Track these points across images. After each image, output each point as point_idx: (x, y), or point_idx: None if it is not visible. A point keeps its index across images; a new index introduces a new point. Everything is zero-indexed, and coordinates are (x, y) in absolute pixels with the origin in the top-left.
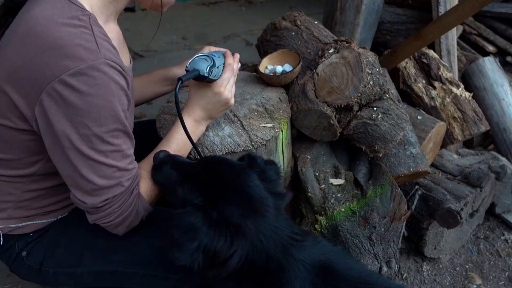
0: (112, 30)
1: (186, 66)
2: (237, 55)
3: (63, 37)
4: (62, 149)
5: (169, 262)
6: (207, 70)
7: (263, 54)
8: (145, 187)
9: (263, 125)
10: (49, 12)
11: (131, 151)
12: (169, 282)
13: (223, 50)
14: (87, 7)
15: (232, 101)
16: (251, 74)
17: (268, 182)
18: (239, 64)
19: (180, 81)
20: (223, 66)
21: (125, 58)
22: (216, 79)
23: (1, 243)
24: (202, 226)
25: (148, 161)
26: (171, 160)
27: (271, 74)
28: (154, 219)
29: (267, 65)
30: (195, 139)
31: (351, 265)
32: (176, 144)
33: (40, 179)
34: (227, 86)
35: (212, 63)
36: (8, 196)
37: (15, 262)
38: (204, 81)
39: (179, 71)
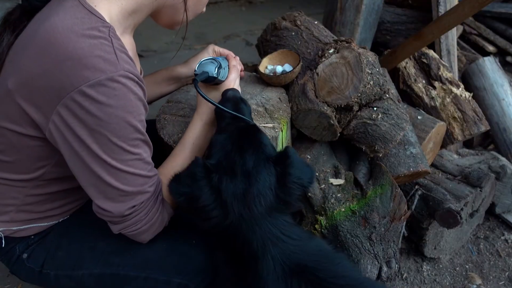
0: (127, 42)
1: (195, 70)
2: (237, 58)
3: (83, 48)
4: (82, 159)
5: (171, 265)
6: (216, 71)
7: (263, 54)
8: (166, 192)
9: (263, 125)
10: (69, 22)
11: (150, 158)
12: (171, 285)
13: (226, 52)
14: (107, 19)
15: None
16: (251, 74)
17: (282, 186)
18: (241, 66)
19: (196, 81)
20: (228, 68)
21: (138, 70)
22: (223, 80)
23: (3, 246)
24: (199, 180)
25: (165, 166)
26: (237, 101)
27: (271, 74)
28: None
29: (267, 65)
30: (207, 143)
31: (339, 273)
32: (192, 150)
33: (44, 184)
34: (234, 86)
35: (218, 65)
36: (11, 200)
37: (15, 264)
38: (212, 82)
39: (183, 69)
